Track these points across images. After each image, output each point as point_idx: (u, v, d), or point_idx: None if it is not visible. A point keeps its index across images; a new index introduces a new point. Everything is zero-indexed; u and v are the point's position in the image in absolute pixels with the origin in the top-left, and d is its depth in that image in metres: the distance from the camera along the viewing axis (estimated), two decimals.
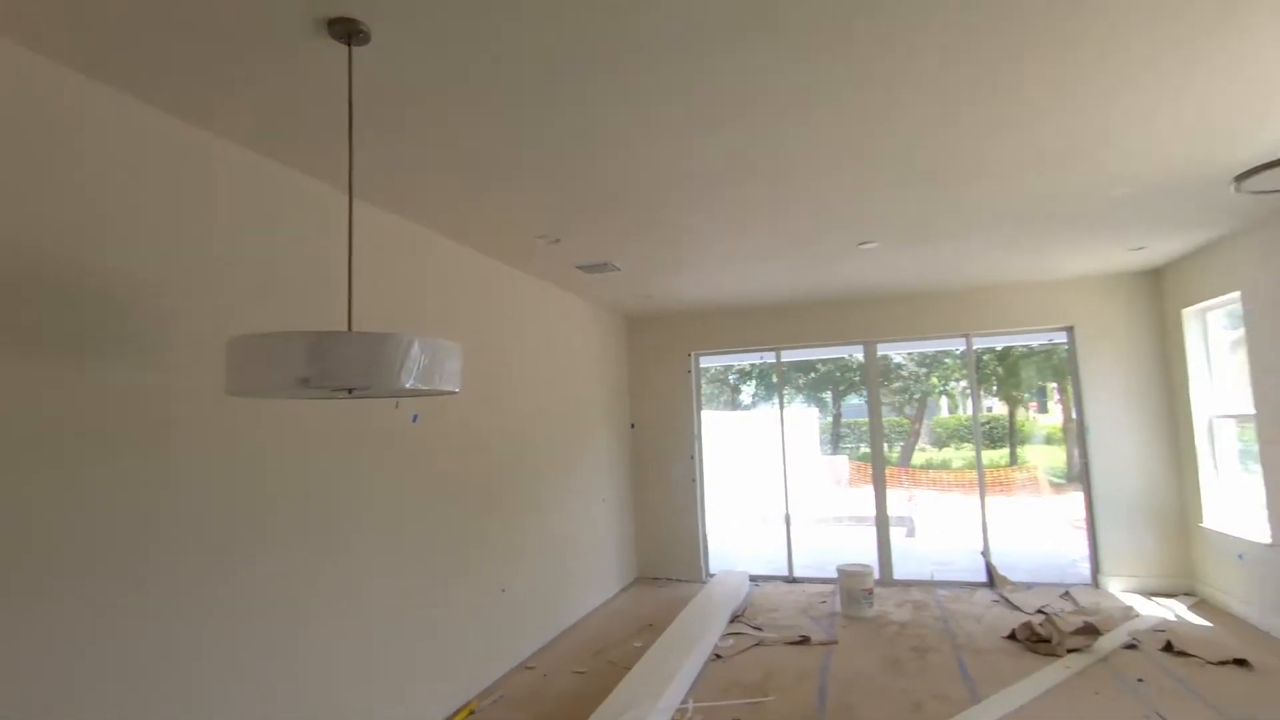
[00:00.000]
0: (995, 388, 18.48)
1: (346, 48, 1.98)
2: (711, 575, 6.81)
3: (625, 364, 7.16)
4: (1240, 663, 4.06)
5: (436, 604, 3.71)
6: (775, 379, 7.14)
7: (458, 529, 3.96)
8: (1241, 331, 4.80)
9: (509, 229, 3.93)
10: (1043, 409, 20.07)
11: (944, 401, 21.36)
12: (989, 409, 19.65)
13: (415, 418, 3.63)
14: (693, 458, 6.96)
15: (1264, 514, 4.59)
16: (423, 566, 3.62)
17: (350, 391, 1.87)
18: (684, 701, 3.79)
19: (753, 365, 18.00)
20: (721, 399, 19.91)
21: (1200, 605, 5.29)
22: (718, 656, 4.52)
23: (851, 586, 5.38)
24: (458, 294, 4.14)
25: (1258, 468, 4.67)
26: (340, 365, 1.61)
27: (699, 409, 7.11)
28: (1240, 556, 4.90)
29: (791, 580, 6.67)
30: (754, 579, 6.69)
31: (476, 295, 4.35)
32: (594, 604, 5.86)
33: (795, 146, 2.90)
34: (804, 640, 4.80)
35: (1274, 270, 4.33)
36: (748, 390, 20.03)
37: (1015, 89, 2.46)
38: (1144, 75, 2.39)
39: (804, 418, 15.18)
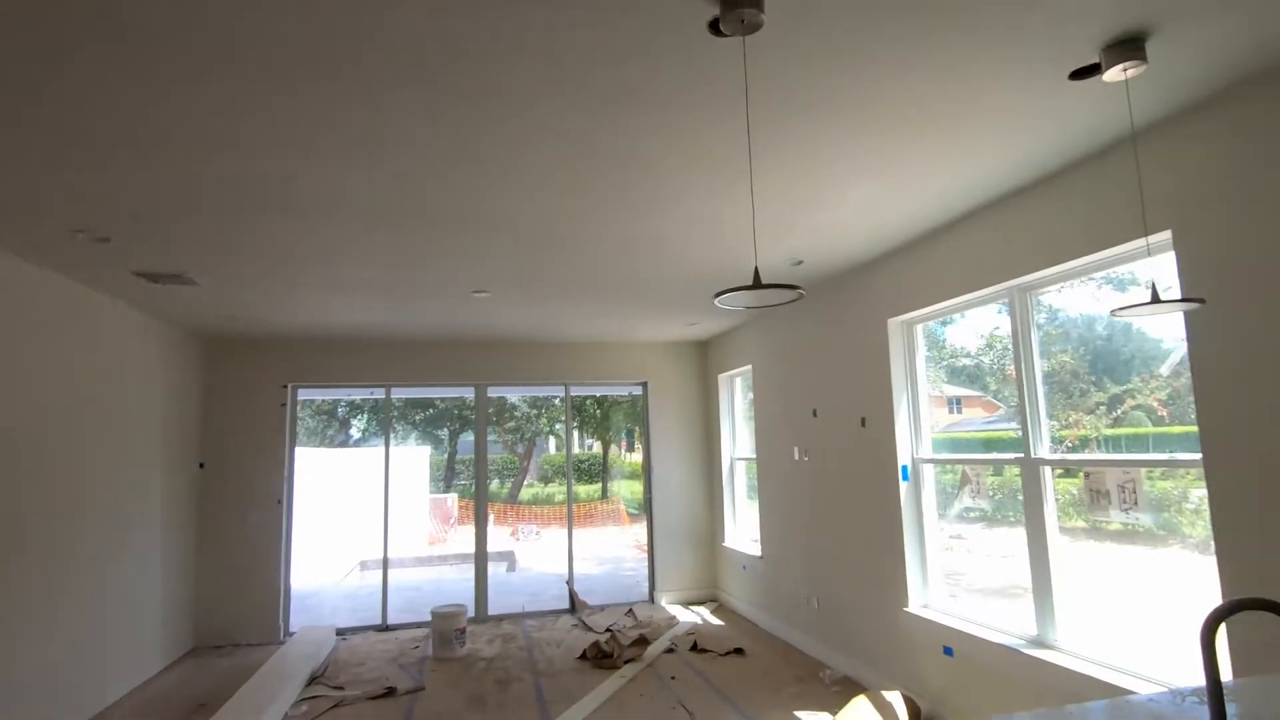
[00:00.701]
0: (594, 429, 20.85)
1: None
2: (292, 634, 6.08)
3: (199, 393, 6.08)
4: (738, 651, 5.26)
5: None
6: (388, 415, 6.83)
7: None
8: (751, 395, 6.37)
9: (24, 215, 3.06)
10: (630, 448, 23.29)
11: (552, 441, 23.21)
12: (589, 447, 22.02)
13: None
14: (280, 502, 6.20)
15: (758, 534, 6.09)
16: None
17: None
18: None
19: (365, 399, 16.94)
20: (328, 433, 18.22)
21: (719, 609, 6.70)
22: None
23: (444, 628, 5.39)
24: None
25: (756, 499, 6.19)
26: None
27: (293, 447, 6.40)
28: (744, 567, 6.39)
29: (385, 629, 6.37)
30: (342, 632, 6.21)
31: None
32: (125, 689, 4.70)
33: (412, 193, 2.93)
34: (389, 692, 4.61)
35: (768, 351, 5.89)
36: (359, 424, 18.75)
37: (594, 190, 2.91)
38: (683, 201, 3.07)
39: (417, 455, 14.80)
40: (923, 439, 4.15)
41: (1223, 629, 2.27)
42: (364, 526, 10.76)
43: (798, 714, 4.05)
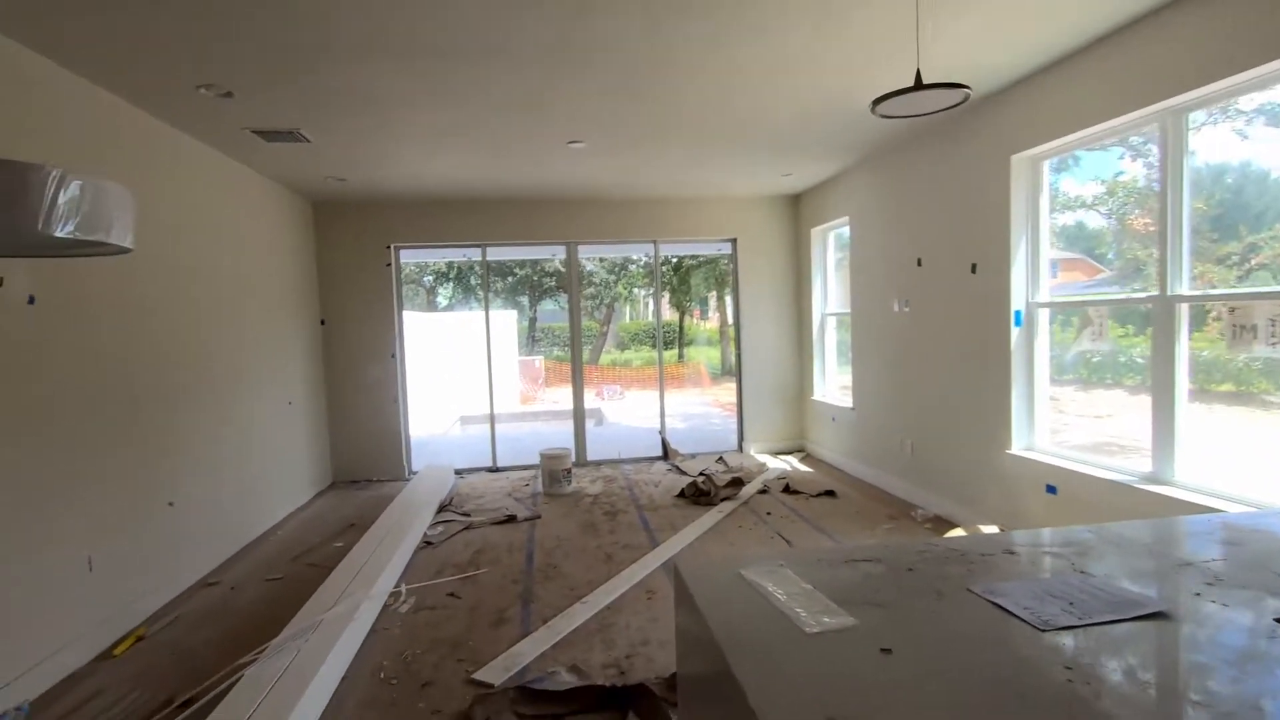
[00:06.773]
0: (669, 296, 20.94)
1: None
2: (415, 473, 6.76)
3: (312, 254, 6.42)
4: (829, 493, 5.51)
5: (70, 524, 3.09)
6: (476, 280, 7.07)
7: (102, 439, 3.29)
8: (846, 250, 6.20)
9: (158, 68, 3.17)
10: (704, 315, 23.38)
11: (628, 309, 23.52)
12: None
13: (32, 299, 2.85)
14: (394, 356, 6.67)
15: (850, 386, 6.15)
16: (39, 482, 2.97)
17: None
18: (397, 586, 3.82)
19: (450, 264, 17.44)
20: (416, 301, 19.06)
21: (807, 458, 6.95)
22: (428, 543, 4.60)
23: (553, 468, 5.85)
24: (87, 148, 3.25)
25: (848, 354, 6.20)
26: None
27: (400, 305, 6.77)
28: (833, 419, 6.53)
29: (495, 470, 6.97)
30: (459, 472, 6.84)
31: (113, 151, 3.46)
32: (286, 511, 5.42)
33: (505, 36, 2.85)
34: (510, 519, 5.14)
35: (868, 200, 5.64)
36: (444, 292, 19.48)
37: (711, 11, 2.74)
38: (807, 21, 2.86)
39: (503, 320, 15.40)
40: (1040, 285, 3.99)
41: None
42: (460, 385, 11.50)
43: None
